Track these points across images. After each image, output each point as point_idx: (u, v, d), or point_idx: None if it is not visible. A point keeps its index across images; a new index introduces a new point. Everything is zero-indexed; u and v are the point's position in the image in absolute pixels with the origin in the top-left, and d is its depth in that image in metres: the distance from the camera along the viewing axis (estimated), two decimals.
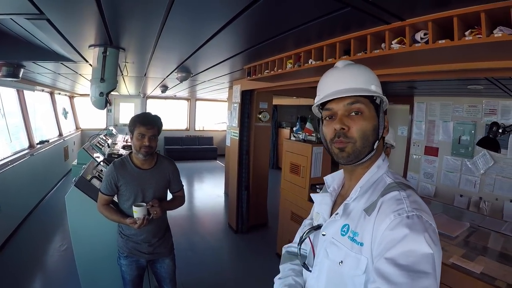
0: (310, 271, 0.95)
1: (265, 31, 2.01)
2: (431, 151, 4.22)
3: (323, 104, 0.92)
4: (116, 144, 6.08)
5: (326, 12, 1.53)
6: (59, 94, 7.86)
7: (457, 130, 3.91)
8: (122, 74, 4.29)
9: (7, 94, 5.05)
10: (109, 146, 5.72)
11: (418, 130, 4.38)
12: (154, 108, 10.53)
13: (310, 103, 5.50)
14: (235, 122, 4.68)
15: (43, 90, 6.71)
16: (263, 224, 4.95)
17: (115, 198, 2.06)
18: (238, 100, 4.54)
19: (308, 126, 3.43)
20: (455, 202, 3.87)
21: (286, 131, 9.38)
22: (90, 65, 3.15)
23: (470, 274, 1.77)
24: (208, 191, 7.15)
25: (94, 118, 9.62)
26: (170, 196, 2.21)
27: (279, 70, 2.67)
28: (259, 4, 1.43)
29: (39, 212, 5.07)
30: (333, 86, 0.90)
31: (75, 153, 6.77)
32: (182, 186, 2.23)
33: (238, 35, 2.12)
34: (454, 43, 1.33)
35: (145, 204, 1.92)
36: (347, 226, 0.86)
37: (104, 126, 8.78)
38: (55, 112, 7.49)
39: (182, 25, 1.89)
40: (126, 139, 6.68)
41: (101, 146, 5.33)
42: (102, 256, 2.30)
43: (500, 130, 2.61)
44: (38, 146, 5.65)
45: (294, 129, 3.79)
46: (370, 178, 0.89)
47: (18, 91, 5.27)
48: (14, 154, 4.64)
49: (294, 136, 3.66)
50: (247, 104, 4.57)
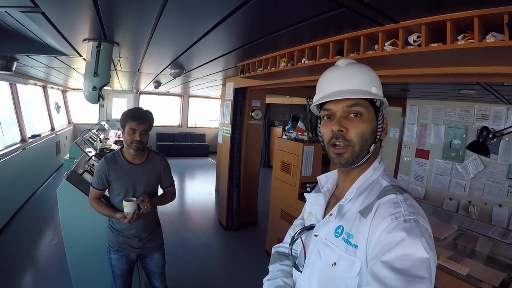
0: (301, 272, 0.94)
1: (259, 29, 2.01)
2: (422, 154, 4.25)
3: (322, 103, 0.89)
4: (108, 139, 6.05)
5: (320, 12, 1.54)
6: (52, 88, 7.76)
7: (448, 134, 3.95)
8: (116, 69, 4.26)
9: (0, 88, 4.98)
10: (101, 141, 5.70)
11: (410, 132, 4.41)
12: (147, 103, 10.39)
13: (303, 102, 5.48)
14: (228, 119, 4.66)
15: (36, 84, 6.62)
16: (253, 221, 4.95)
17: (107, 193, 2.05)
18: (231, 97, 4.52)
19: (300, 125, 3.44)
20: (444, 205, 3.90)
21: (278, 130, 9.38)
22: (84, 59, 3.12)
23: (456, 275, 1.79)
24: (199, 188, 7.14)
25: (86, 113, 9.53)
26: (161, 191, 2.21)
27: (272, 69, 2.67)
28: (254, 2, 1.43)
29: (31, 206, 5.02)
30: (333, 86, 0.87)
31: (67, 147, 6.73)
32: (173, 181, 2.23)
33: (232, 33, 2.12)
34: (447, 47, 1.34)
35: (135, 199, 1.92)
36: (341, 227, 0.85)
37: (96, 121, 8.72)
38: (48, 106, 7.39)
39: (177, 21, 1.89)
40: (118, 134, 6.65)
41: (93, 141, 5.29)
42: (93, 249, 2.28)
43: (490, 135, 2.65)
44: (30, 140, 5.58)
45: (286, 127, 3.79)
46: (366, 180, 0.88)
47: (11, 85, 5.20)
48: (5, 148, 4.59)
49: (286, 134, 3.66)
50: (240, 101, 4.56)
